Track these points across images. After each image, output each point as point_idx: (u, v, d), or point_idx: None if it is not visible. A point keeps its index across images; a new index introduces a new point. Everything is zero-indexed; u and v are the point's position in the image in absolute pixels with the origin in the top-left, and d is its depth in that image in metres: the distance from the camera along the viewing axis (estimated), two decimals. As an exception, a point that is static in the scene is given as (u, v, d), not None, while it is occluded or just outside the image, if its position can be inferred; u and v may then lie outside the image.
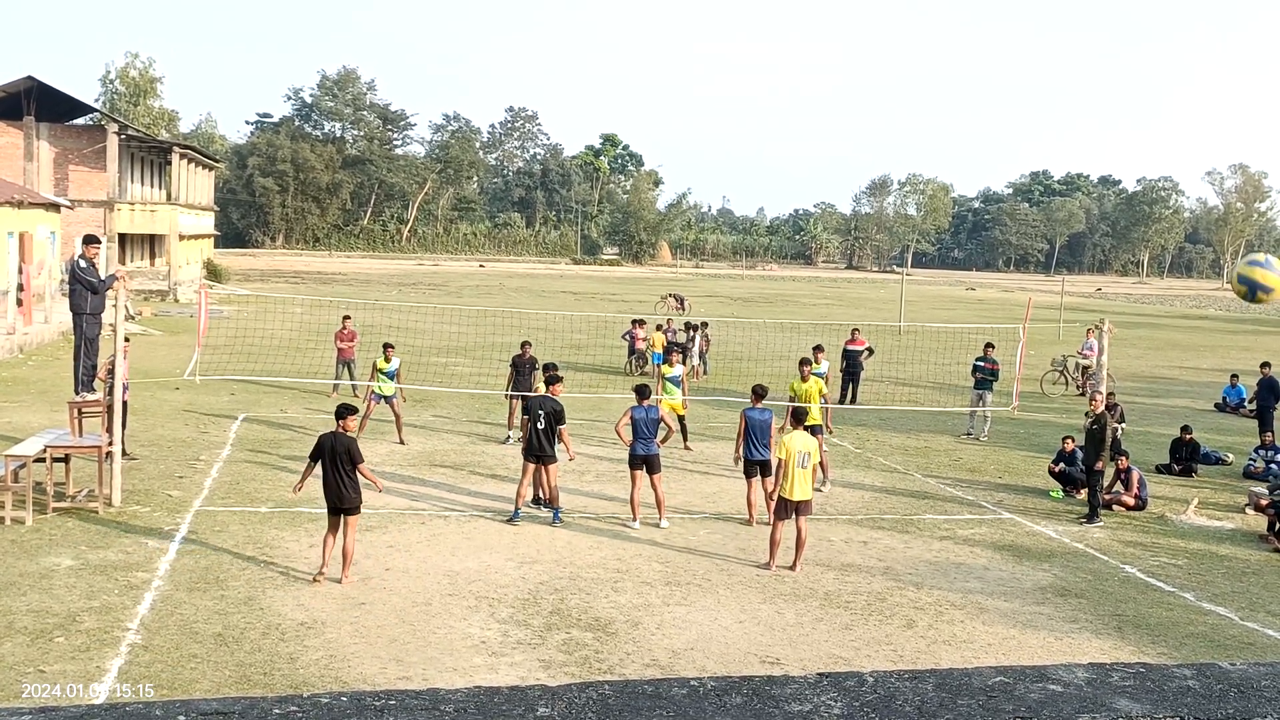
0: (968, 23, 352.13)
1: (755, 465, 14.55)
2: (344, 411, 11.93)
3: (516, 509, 14.19)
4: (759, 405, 14.78)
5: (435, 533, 13.60)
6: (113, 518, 13.47)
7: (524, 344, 20.77)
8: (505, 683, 8.82)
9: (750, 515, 14.60)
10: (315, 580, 11.38)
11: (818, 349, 20.71)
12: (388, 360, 19.81)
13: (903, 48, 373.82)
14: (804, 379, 17.50)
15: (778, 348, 35.94)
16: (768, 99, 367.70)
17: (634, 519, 14.18)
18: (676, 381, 19.57)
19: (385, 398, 19.58)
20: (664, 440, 14.61)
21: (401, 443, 18.89)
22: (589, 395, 24.31)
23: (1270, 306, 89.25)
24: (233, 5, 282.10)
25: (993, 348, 22.43)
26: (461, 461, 17.86)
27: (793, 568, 12.63)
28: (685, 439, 19.43)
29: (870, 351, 26.90)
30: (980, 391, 22.22)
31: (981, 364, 22.21)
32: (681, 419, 19.30)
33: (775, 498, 12.88)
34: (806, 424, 17.69)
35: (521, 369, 20.12)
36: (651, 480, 14.30)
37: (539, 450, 14.04)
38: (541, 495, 14.79)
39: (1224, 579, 13.24)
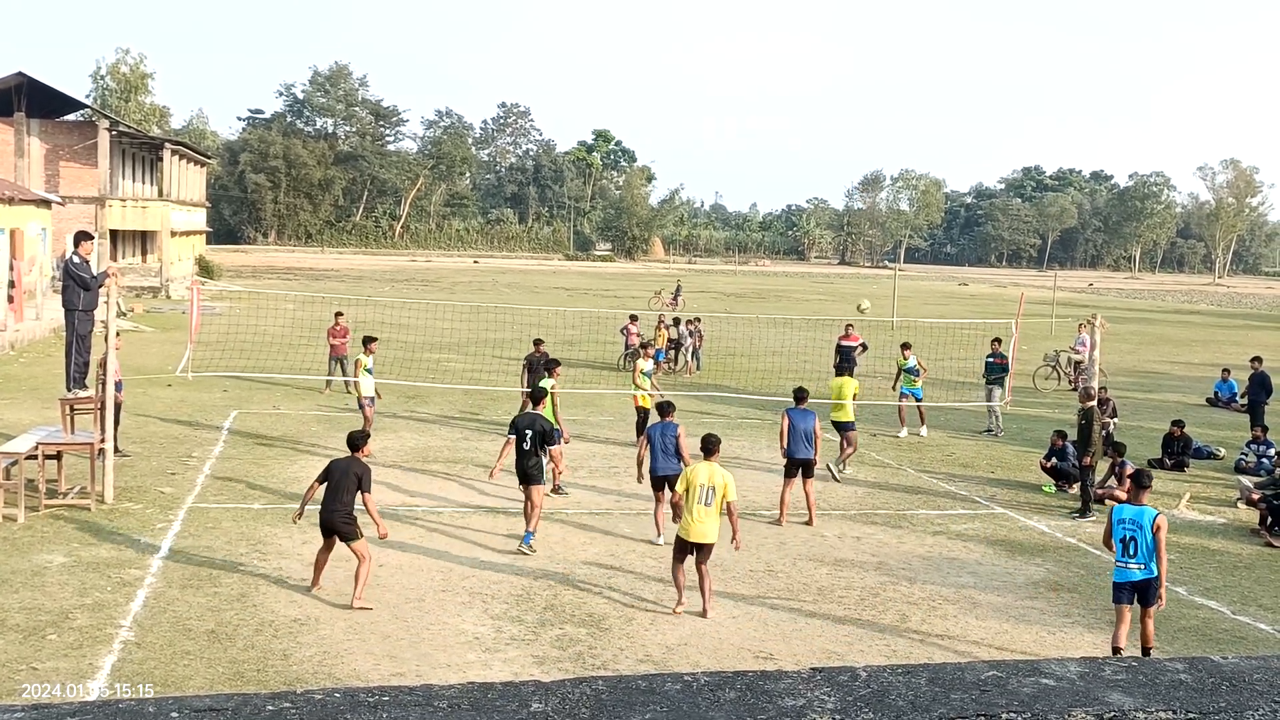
0: (960, 20, 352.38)
1: (797, 464, 14.59)
2: (360, 440, 11.18)
3: (528, 531, 13.05)
4: (801, 407, 14.86)
5: (429, 529, 13.59)
6: (105, 515, 13.44)
7: (536, 341, 20.77)
8: (499, 678, 8.81)
9: (781, 513, 14.58)
10: (311, 590, 11.00)
11: (905, 346, 21.39)
12: (369, 354, 18.96)
13: (896, 44, 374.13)
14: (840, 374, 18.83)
15: (771, 343, 35.96)
16: (761, 95, 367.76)
17: (658, 535, 13.39)
18: (649, 375, 19.52)
19: (372, 399, 18.72)
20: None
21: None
22: (583, 391, 24.30)
23: (1263, 302, 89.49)
24: (224, 1, 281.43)
25: (1000, 343, 22.65)
26: (454, 457, 17.84)
27: (703, 613, 10.94)
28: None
29: (864, 347, 26.93)
30: (991, 388, 22.43)
31: (991, 360, 22.44)
32: (646, 412, 19.25)
33: (676, 538, 11.25)
34: (839, 420, 18.07)
35: (535, 367, 20.08)
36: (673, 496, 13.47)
37: (524, 472, 12.99)
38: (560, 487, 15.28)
39: (1216, 573, 13.28)
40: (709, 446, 11.35)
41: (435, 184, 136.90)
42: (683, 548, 11.01)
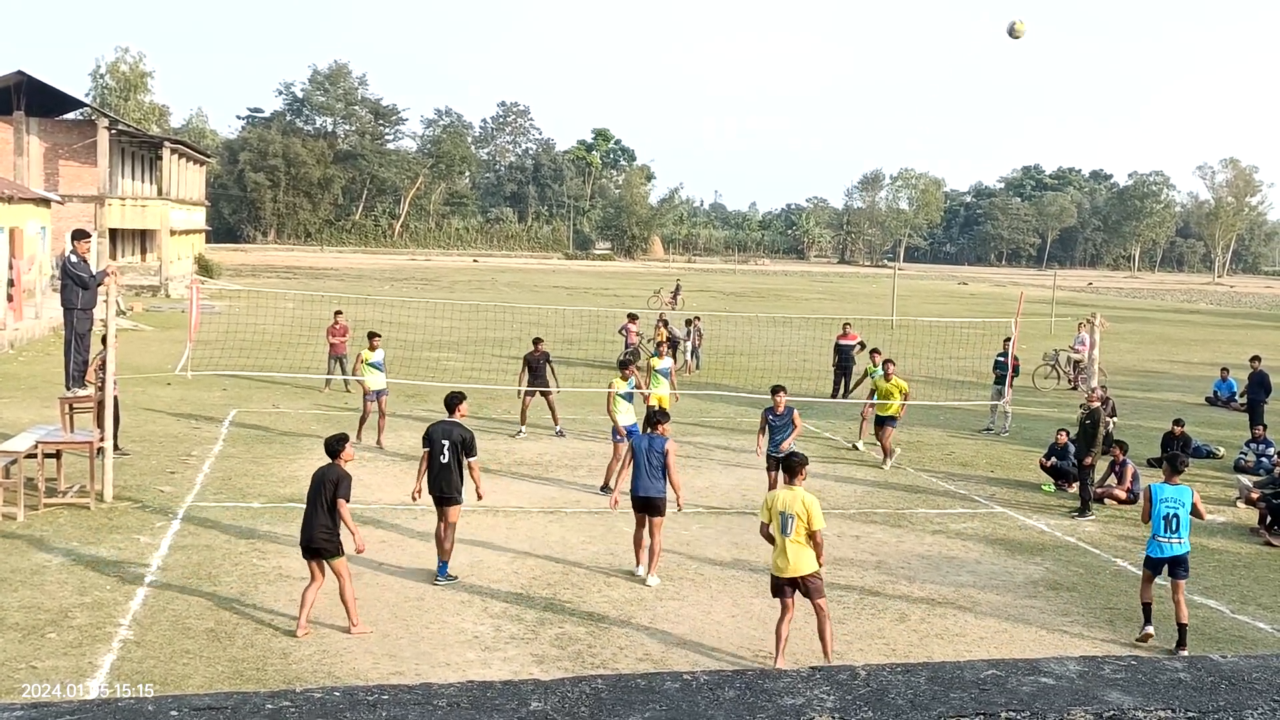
0: (960, 20, 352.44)
1: (774, 460, 14.73)
2: (338, 445, 10.26)
3: (442, 561, 11.77)
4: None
5: (427, 528, 13.57)
6: (104, 514, 13.44)
7: (536, 340, 20.68)
8: (498, 677, 8.81)
9: None
10: (298, 634, 9.90)
11: (875, 351, 21.36)
12: (373, 350, 18.84)
13: (896, 44, 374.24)
14: (887, 377, 18.91)
15: (770, 343, 35.96)
16: (761, 95, 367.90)
17: (638, 564, 12.18)
18: (665, 373, 19.53)
19: (377, 393, 18.63)
20: None
21: (380, 446, 18.07)
22: (583, 390, 24.29)
23: (1262, 302, 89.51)
24: (224, 1, 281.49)
25: (1009, 342, 22.60)
26: (454, 456, 17.79)
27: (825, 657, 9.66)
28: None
29: (862, 346, 26.92)
30: (999, 387, 22.43)
31: (1001, 358, 22.47)
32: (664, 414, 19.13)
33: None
34: (885, 415, 18.52)
35: (535, 366, 20.02)
36: (651, 525, 11.87)
37: (441, 490, 11.62)
38: (613, 484, 15.02)
39: (1215, 572, 13.29)
40: (791, 468, 10.03)
41: (435, 183, 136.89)
42: (778, 587, 9.69)
